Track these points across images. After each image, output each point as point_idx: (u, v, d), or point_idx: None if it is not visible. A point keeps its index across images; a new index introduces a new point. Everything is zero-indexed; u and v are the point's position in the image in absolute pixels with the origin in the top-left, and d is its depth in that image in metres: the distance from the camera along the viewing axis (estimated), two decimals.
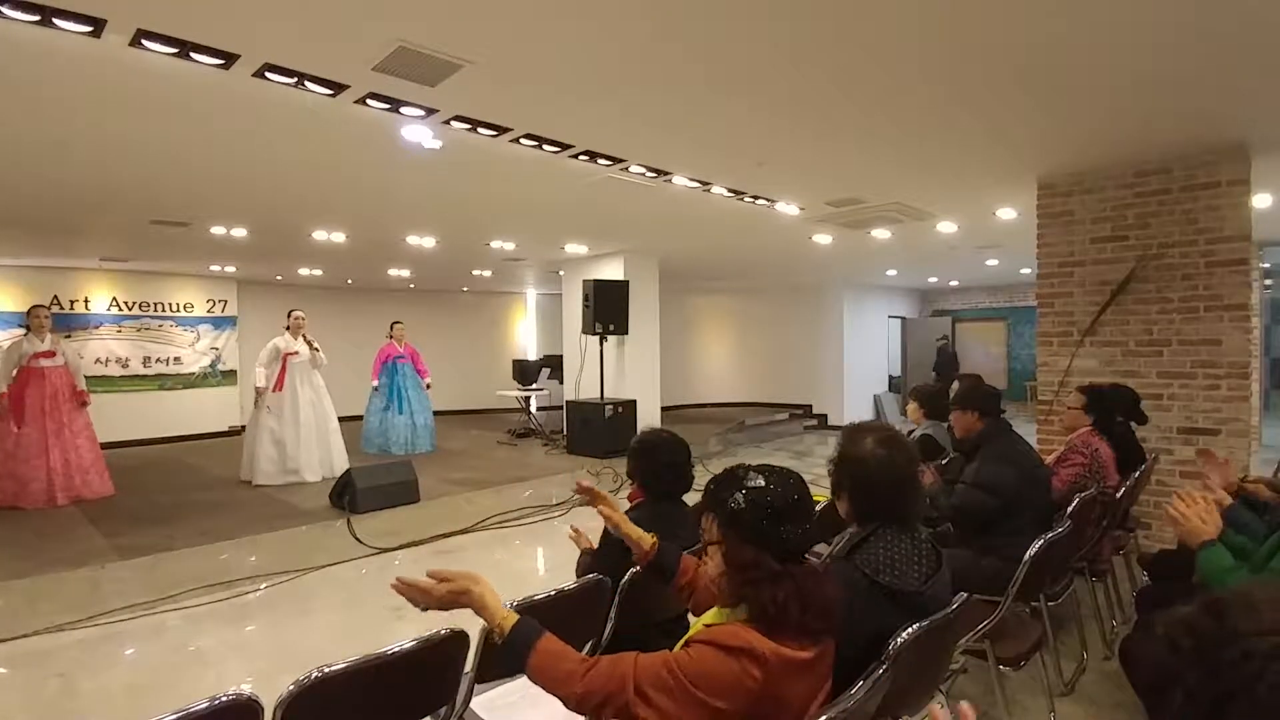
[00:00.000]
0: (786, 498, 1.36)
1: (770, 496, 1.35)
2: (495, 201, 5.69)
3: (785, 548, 1.32)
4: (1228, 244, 4.18)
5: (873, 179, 5.07)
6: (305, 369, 7.14)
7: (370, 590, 4.25)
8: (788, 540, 1.32)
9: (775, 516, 1.33)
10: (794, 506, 1.35)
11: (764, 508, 1.34)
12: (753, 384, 13.65)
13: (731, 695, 1.21)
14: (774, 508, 1.34)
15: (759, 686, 1.22)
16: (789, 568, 1.31)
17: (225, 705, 1.27)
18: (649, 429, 2.46)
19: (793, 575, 1.30)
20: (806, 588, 1.30)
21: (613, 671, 1.28)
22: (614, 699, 1.25)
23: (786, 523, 1.33)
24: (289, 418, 6.93)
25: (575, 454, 8.39)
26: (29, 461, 5.97)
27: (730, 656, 1.23)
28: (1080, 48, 2.85)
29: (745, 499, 1.35)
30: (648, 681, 1.25)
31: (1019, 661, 2.36)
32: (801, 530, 1.34)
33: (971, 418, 3.22)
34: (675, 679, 1.23)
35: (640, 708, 1.24)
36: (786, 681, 1.25)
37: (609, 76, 3.15)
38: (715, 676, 1.22)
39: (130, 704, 2.91)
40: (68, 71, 2.97)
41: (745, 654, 1.22)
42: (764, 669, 1.22)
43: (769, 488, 1.36)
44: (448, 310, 13.12)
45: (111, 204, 5.52)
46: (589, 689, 1.27)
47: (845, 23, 2.61)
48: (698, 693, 1.21)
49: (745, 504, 1.35)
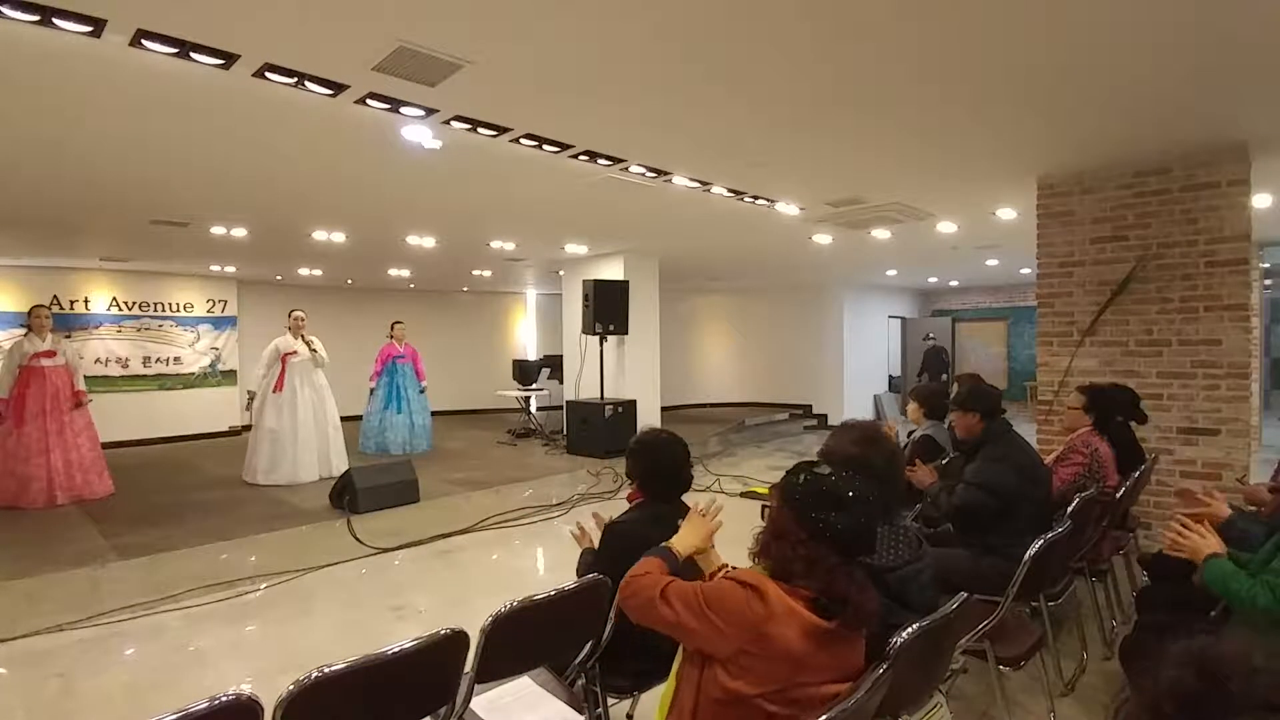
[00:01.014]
0: (845, 490, 1.47)
1: (830, 484, 1.49)
2: (495, 201, 5.69)
3: (825, 530, 1.42)
4: (1228, 244, 4.18)
5: (873, 179, 5.07)
6: (306, 368, 7.15)
7: (370, 590, 4.25)
8: (831, 525, 1.42)
9: (825, 500, 1.45)
10: (849, 500, 1.45)
11: (818, 490, 1.48)
12: (753, 384, 13.65)
13: (732, 619, 1.40)
14: (827, 493, 1.46)
15: (757, 619, 1.38)
16: (820, 548, 1.42)
17: (225, 705, 1.27)
18: (647, 429, 2.46)
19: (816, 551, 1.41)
20: (834, 574, 1.40)
21: (653, 577, 1.60)
22: (643, 591, 1.57)
23: (834, 510, 1.43)
24: (288, 417, 6.92)
25: (575, 454, 8.39)
26: (29, 461, 5.98)
27: (741, 588, 1.43)
28: (1080, 48, 2.84)
29: (805, 479, 1.51)
30: (674, 592, 1.52)
31: (1019, 661, 2.36)
32: (851, 524, 1.43)
33: (973, 419, 3.22)
34: (695, 596, 1.48)
35: (661, 606, 1.51)
36: (784, 626, 1.38)
37: (609, 76, 3.15)
38: (725, 599, 1.43)
39: (130, 704, 2.91)
40: (68, 71, 2.97)
41: (754, 589, 1.41)
42: (766, 605, 1.38)
43: (832, 476, 1.51)
44: (448, 310, 13.12)
45: (111, 204, 5.52)
46: (633, 580, 1.63)
47: (845, 23, 2.61)
48: (707, 610, 1.44)
49: (804, 481, 1.51)
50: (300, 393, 7.04)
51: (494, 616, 1.76)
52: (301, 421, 6.96)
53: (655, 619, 1.52)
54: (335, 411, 7.36)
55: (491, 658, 1.77)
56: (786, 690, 1.38)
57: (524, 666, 2.02)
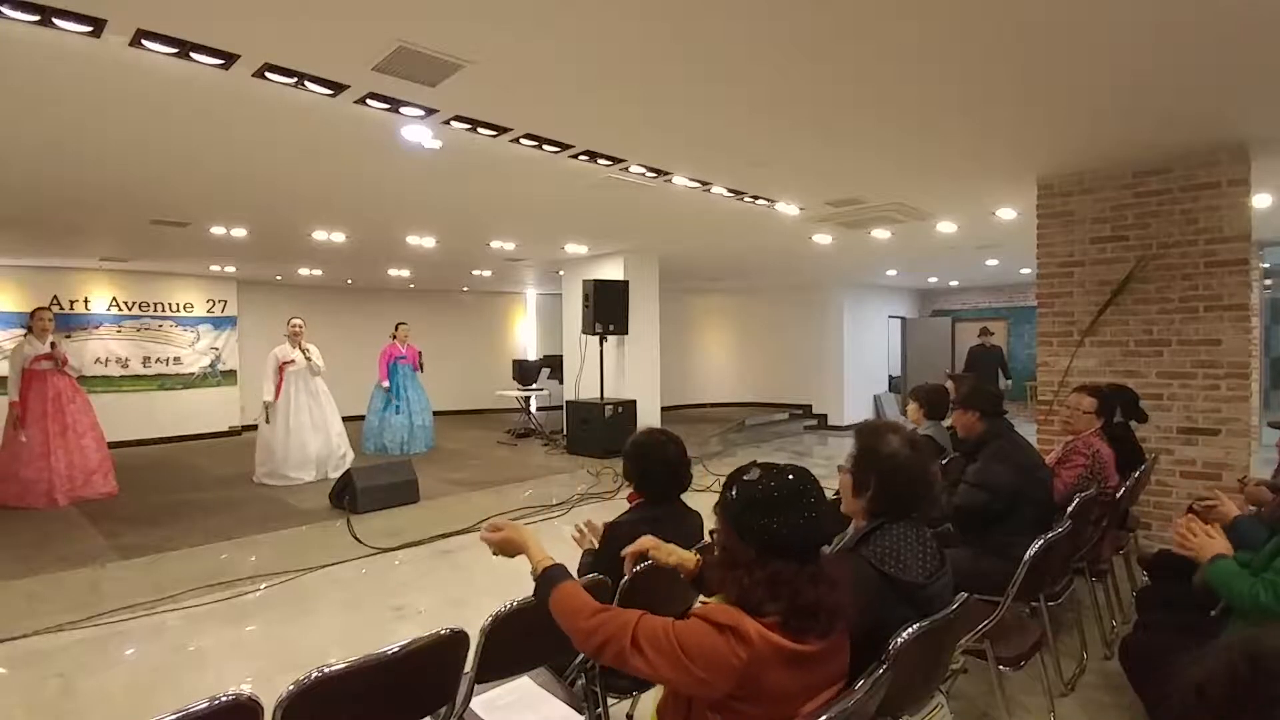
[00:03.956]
0: (775, 491, 1.38)
1: (759, 489, 1.39)
2: (495, 201, 5.69)
3: (770, 539, 1.34)
4: (1228, 244, 4.18)
5: (873, 179, 5.07)
6: (304, 376, 7.23)
7: (370, 590, 4.25)
8: (773, 531, 1.34)
9: (759, 507, 1.36)
10: (784, 500, 1.36)
11: (750, 499, 1.38)
12: (753, 384, 13.64)
13: (715, 669, 1.27)
14: (759, 499, 1.37)
15: (742, 665, 1.26)
16: (774, 561, 1.32)
17: (225, 705, 1.27)
18: (644, 430, 2.45)
19: (773, 567, 1.32)
20: (796, 583, 1.31)
21: (618, 619, 1.39)
22: (614, 642, 1.36)
23: (772, 515, 1.35)
24: (282, 424, 7.03)
25: (575, 454, 8.39)
26: (32, 464, 5.99)
27: (719, 633, 1.28)
28: (1080, 47, 2.84)
29: (736, 491, 1.42)
30: (645, 636, 1.33)
31: (1019, 661, 2.36)
32: (795, 523, 1.35)
33: (973, 418, 3.23)
34: (669, 641, 1.31)
35: (634, 656, 1.33)
36: (771, 668, 1.28)
37: (609, 77, 3.15)
38: (704, 648, 1.28)
39: (130, 704, 2.91)
40: (68, 71, 2.97)
41: (732, 632, 1.27)
42: (749, 650, 1.26)
43: (760, 481, 1.40)
44: (448, 310, 13.12)
45: (111, 204, 5.52)
46: (594, 627, 1.39)
47: (845, 23, 2.61)
48: (685, 659, 1.28)
49: (736, 495, 1.41)
50: (296, 400, 7.12)
51: (494, 616, 1.76)
52: (295, 428, 7.03)
53: (631, 670, 1.35)
54: (337, 418, 7.39)
55: (491, 658, 1.77)
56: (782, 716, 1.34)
57: (524, 666, 2.02)
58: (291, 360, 7.13)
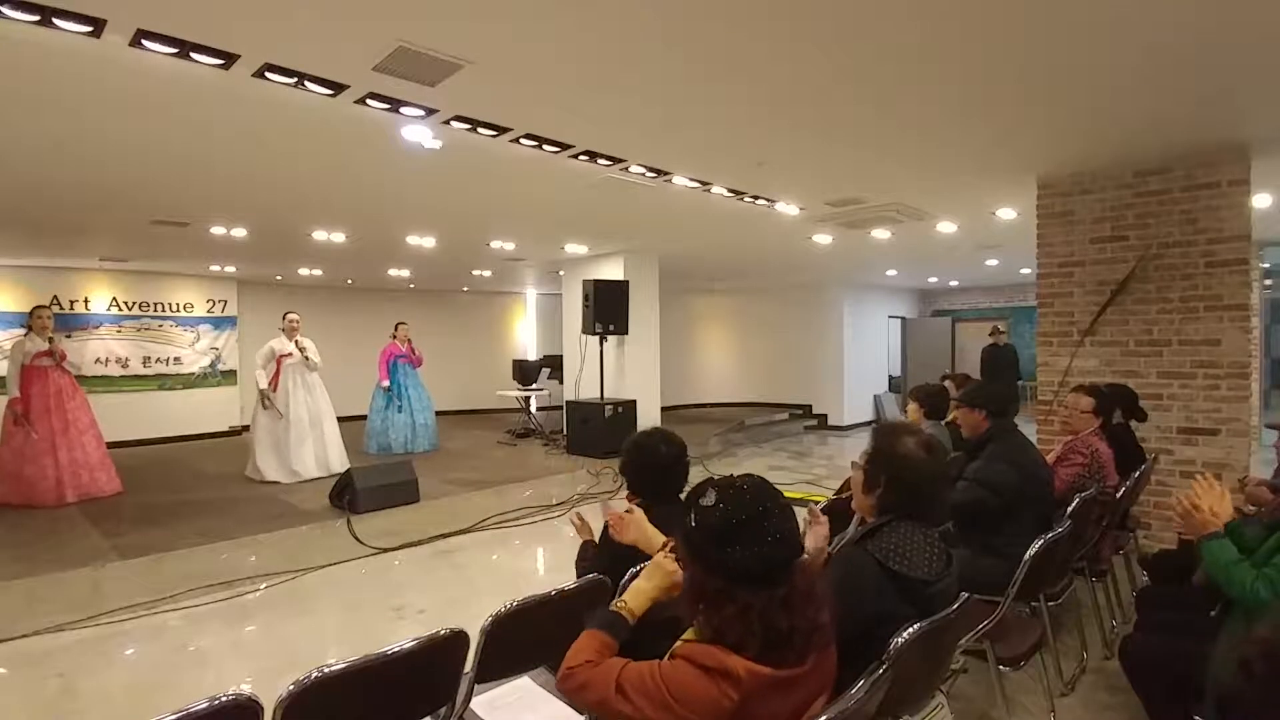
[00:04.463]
0: (733, 517, 1.30)
1: (716, 516, 1.31)
2: (495, 201, 5.69)
3: (734, 570, 1.27)
4: (1228, 244, 4.18)
5: (873, 179, 5.07)
6: (300, 370, 7.26)
7: (370, 590, 4.25)
8: (736, 561, 1.27)
9: (720, 538, 1.29)
10: (742, 526, 1.29)
11: (709, 529, 1.31)
12: (753, 384, 13.64)
13: (707, 713, 1.23)
14: (718, 529, 1.30)
15: (735, 706, 1.22)
16: (742, 592, 1.26)
17: (225, 705, 1.27)
18: (640, 430, 2.47)
19: (742, 599, 1.26)
20: (768, 613, 1.25)
21: (603, 667, 1.36)
22: (595, 688, 1.33)
23: (733, 544, 1.28)
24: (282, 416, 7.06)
25: (575, 454, 8.39)
26: (36, 461, 5.99)
27: (707, 677, 1.24)
28: (1080, 48, 2.84)
29: (695, 519, 1.34)
30: (630, 682, 1.29)
31: (1019, 661, 2.36)
32: (758, 552, 1.27)
33: (978, 416, 3.22)
34: (656, 686, 1.26)
35: (620, 703, 1.28)
36: (764, 700, 1.25)
37: (609, 76, 3.15)
38: (693, 694, 1.23)
39: (130, 704, 2.91)
40: (68, 71, 2.97)
41: (721, 675, 1.23)
42: (739, 689, 1.22)
43: (717, 507, 1.32)
44: (448, 310, 13.12)
45: (111, 204, 5.52)
46: (576, 670, 1.37)
47: (845, 23, 2.61)
48: (675, 705, 1.24)
49: (695, 524, 1.34)
50: (294, 394, 7.16)
51: (494, 616, 1.76)
52: (293, 420, 7.07)
53: (613, 717, 1.30)
54: (331, 411, 7.43)
55: (491, 658, 1.77)
56: None
57: (524, 666, 2.02)
58: (289, 354, 7.18)
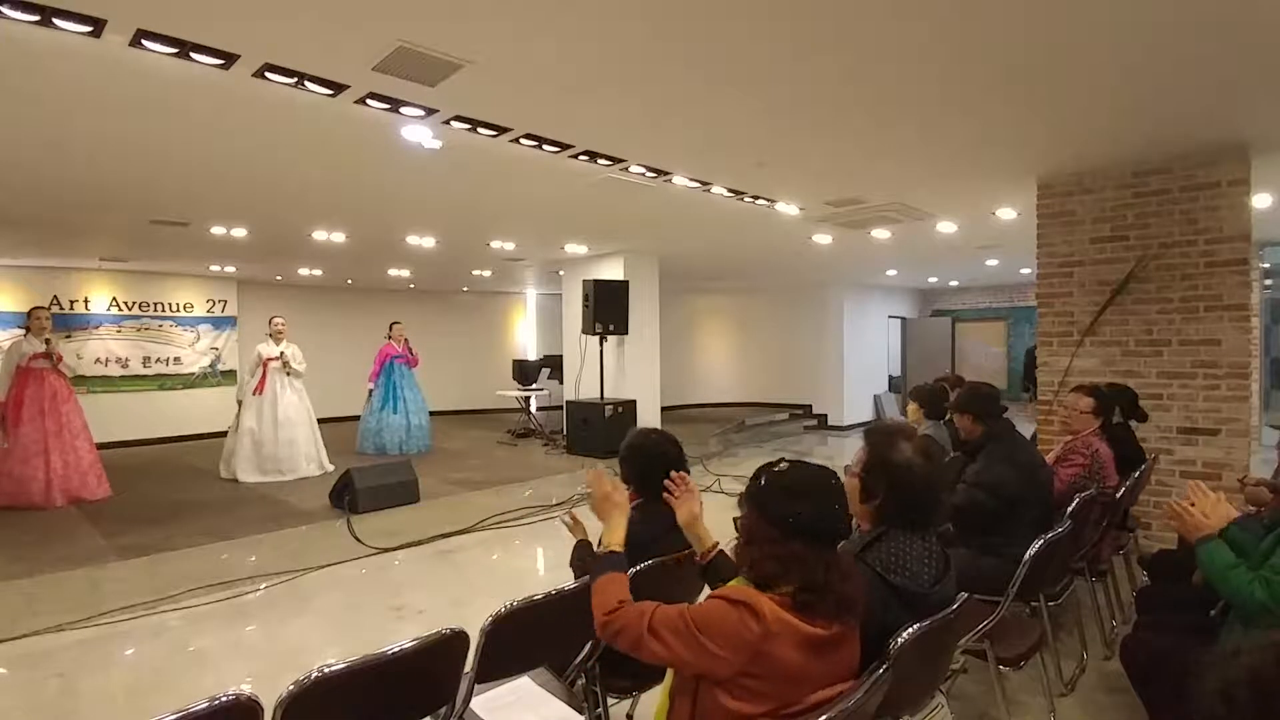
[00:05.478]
0: (801, 479, 1.47)
1: (791, 478, 1.48)
2: (495, 201, 5.69)
3: (796, 524, 1.41)
4: (1228, 244, 4.18)
5: (873, 179, 5.07)
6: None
7: (370, 590, 4.25)
8: (800, 516, 1.41)
9: (790, 494, 1.45)
10: (809, 489, 1.45)
11: (781, 487, 1.47)
12: (753, 384, 13.64)
13: (730, 643, 1.34)
14: (790, 487, 1.46)
15: (756, 639, 1.33)
16: (795, 543, 1.39)
17: (225, 705, 1.27)
18: (638, 430, 2.47)
19: (793, 548, 1.39)
20: (810, 565, 1.38)
21: (635, 608, 1.49)
22: (629, 630, 1.45)
23: (796, 501, 1.43)
24: (268, 418, 7.15)
25: (575, 454, 8.39)
26: (28, 462, 5.98)
27: (733, 607, 1.36)
28: (1080, 48, 2.84)
29: (765, 480, 1.50)
30: (661, 622, 1.42)
31: (1019, 661, 2.36)
32: (817, 511, 1.43)
33: (967, 420, 3.24)
34: (685, 623, 1.39)
35: (651, 642, 1.41)
36: (783, 646, 1.34)
37: (609, 76, 3.15)
38: (718, 624, 1.36)
39: (130, 704, 2.91)
40: (68, 71, 2.97)
41: (745, 606, 1.35)
42: (761, 623, 1.33)
43: (788, 472, 1.50)
44: (448, 310, 13.12)
45: (111, 204, 5.52)
46: (613, 616, 1.49)
47: (845, 23, 2.61)
48: (701, 637, 1.36)
49: (764, 483, 1.50)
50: (281, 395, 7.27)
51: (494, 616, 1.76)
52: (283, 421, 7.18)
53: (646, 655, 1.43)
54: (313, 420, 7.57)
55: (491, 658, 1.77)
56: (789, 704, 1.37)
57: (524, 666, 2.02)
58: (275, 357, 7.30)
